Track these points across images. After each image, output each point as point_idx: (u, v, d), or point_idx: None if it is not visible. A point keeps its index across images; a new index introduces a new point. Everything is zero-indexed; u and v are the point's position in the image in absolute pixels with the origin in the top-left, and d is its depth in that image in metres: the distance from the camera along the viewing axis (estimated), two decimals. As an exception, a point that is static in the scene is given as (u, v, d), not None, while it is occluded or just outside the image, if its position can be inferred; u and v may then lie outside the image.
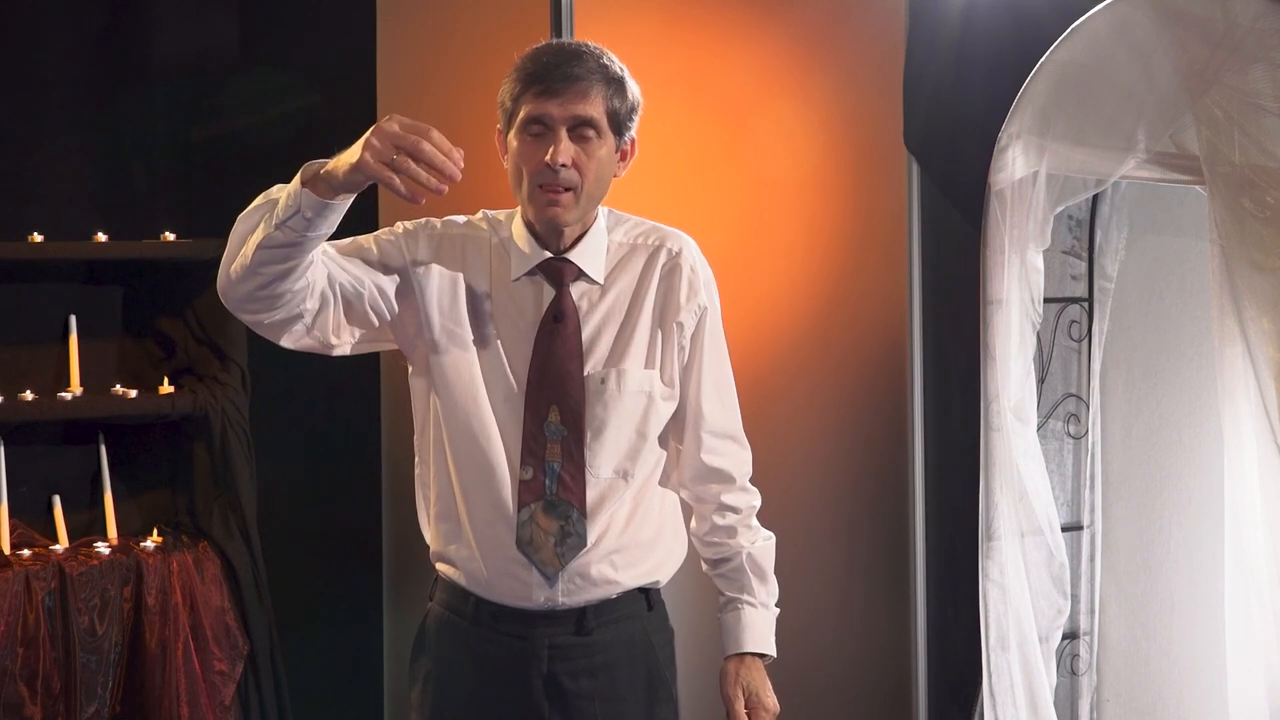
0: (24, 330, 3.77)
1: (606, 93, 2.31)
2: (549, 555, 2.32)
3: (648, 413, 2.40)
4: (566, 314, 2.36)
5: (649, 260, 2.43)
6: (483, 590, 2.36)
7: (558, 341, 2.35)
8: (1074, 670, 3.14)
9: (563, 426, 2.33)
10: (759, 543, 2.53)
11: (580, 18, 3.55)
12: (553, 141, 2.28)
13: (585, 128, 2.30)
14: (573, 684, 2.36)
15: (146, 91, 4.00)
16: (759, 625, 2.50)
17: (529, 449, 2.33)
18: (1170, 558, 3.08)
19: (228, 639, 3.66)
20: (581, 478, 2.34)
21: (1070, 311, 3.11)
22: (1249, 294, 2.50)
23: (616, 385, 2.36)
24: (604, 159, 2.33)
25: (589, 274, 2.38)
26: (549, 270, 2.37)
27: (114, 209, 3.91)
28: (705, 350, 2.46)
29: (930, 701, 3.27)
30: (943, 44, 3.15)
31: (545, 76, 2.29)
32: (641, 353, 2.39)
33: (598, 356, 2.37)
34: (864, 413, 3.34)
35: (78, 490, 3.77)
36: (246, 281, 2.18)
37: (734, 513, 2.52)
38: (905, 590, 3.28)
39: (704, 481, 2.50)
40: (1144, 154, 2.71)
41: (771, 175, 3.38)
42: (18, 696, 3.35)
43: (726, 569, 2.52)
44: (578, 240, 2.39)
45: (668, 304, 2.42)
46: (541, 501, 2.32)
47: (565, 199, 2.31)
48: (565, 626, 2.36)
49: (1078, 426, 3.12)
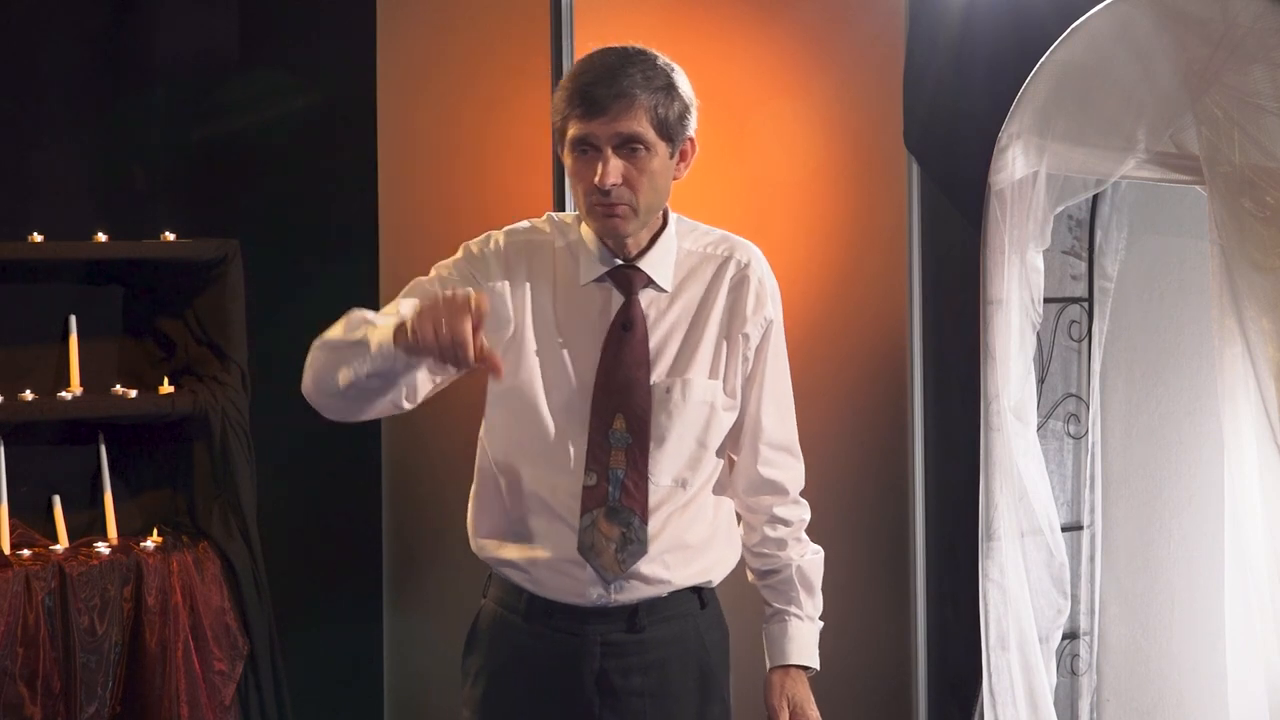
0: (24, 330, 3.77)
1: (651, 103, 2.29)
2: (610, 561, 2.33)
3: (709, 423, 2.40)
4: (635, 322, 2.35)
5: (718, 270, 2.43)
6: (536, 587, 2.37)
7: (626, 349, 2.34)
8: (1074, 670, 3.14)
9: (628, 434, 2.33)
10: (808, 556, 2.55)
11: (580, 18, 3.55)
12: (601, 160, 2.27)
13: (631, 144, 2.28)
14: (623, 681, 2.37)
15: (146, 91, 4.01)
16: (805, 638, 2.52)
17: (594, 455, 2.33)
18: (1170, 557, 3.08)
19: (228, 639, 3.66)
20: (644, 485, 2.34)
21: (1070, 311, 3.11)
22: (1249, 294, 2.50)
23: (681, 395, 2.36)
24: (657, 170, 2.32)
25: (658, 282, 2.38)
26: (619, 278, 2.37)
27: (114, 209, 3.91)
28: (768, 362, 2.46)
29: (930, 701, 3.27)
30: (943, 44, 3.15)
31: (587, 96, 2.27)
32: (707, 363, 2.39)
33: (664, 365, 2.37)
34: (864, 413, 3.33)
35: (78, 490, 3.78)
36: (339, 400, 2.24)
37: (785, 525, 2.52)
38: (905, 590, 3.28)
39: (758, 493, 2.50)
40: (1144, 154, 2.71)
41: (771, 175, 3.38)
42: (18, 696, 3.35)
43: (775, 580, 2.53)
44: (648, 248, 2.38)
45: (735, 315, 2.42)
46: (604, 508, 2.32)
47: (622, 211, 2.30)
48: (617, 623, 2.37)
49: (1078, 426, 3.12)
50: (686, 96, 2.36)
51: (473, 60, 3.76)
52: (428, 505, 3.88)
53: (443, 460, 3.78)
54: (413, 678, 3.92)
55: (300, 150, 4.03)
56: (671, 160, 2.36)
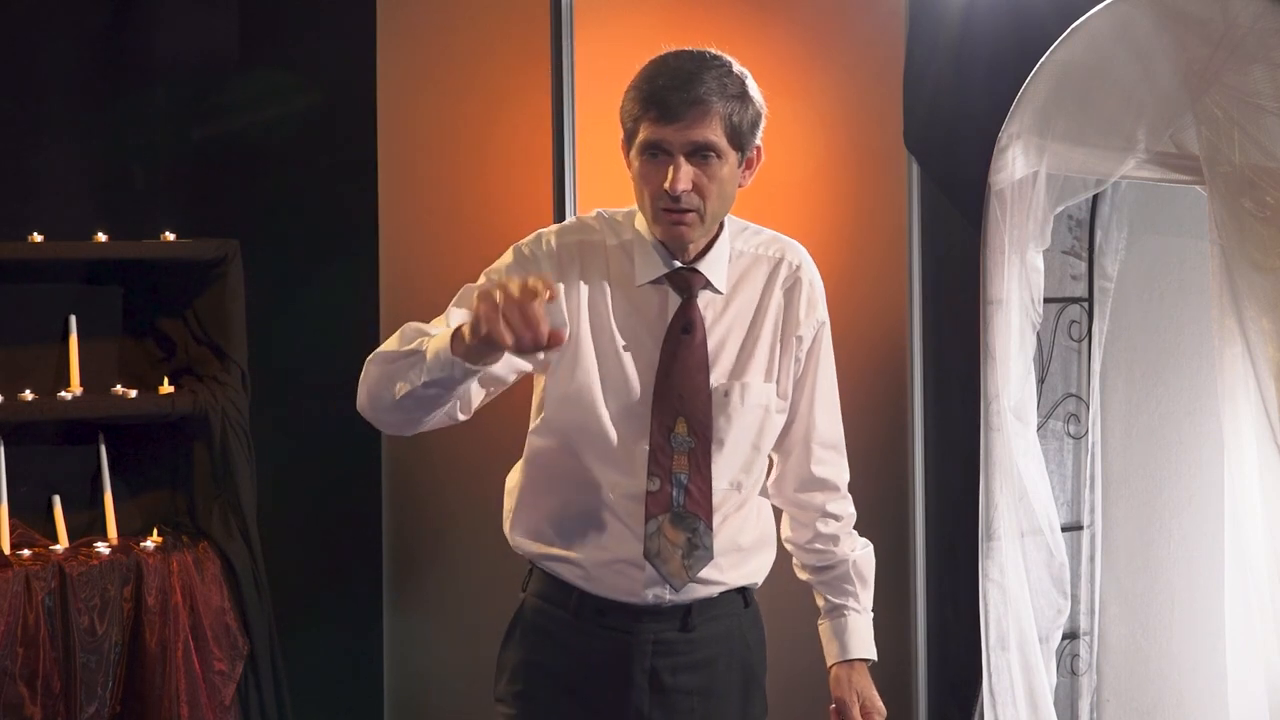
0: (24, 330, 3.77)
1: (725, 111, 2.27)
2: (676, 567, 2.32)
3: (764, 426, 2.40)
4: (695, 325, 2.34)
5: (771, 272, 2.42)
6: (589, 584, 2.36)
7: (686, 352, 2.33)
8: (1074, 670, 3.14)
9: (690, 438, 2.32)
10: (860, 550, 2.56)
11: (580, 18, 3.55)
12: (672, 166, 2.24)
13: (704, 152, 2.26)
14: (673, 679, 2.36)
15: (146, 91, 4.01)
16: (864, 631, 2.55)
17: (656, 460, 2.31)
18: (1170, 557, 3.08)
19: (228, 639, 3.66)
20: (708, 490, 2.33)
21: (1070, 311, 3.11)
22: (1249, 294, 2.50)
23: (740, 398, 2.36)
24: (726, 178, 2.30)
25: (714, 284, 2.37)
26: (678, 279, 2.35)
27: (114, 209, 3.91)
28: (820, 363, 2.47)
29: (930, 701, 3.27)
30: (943, 44, 3.15)
31: (662, 101, 2.24)
32: (763, 366, 2.39)
33: (722, 368, 2.36)
34: (864, 413, 3.33)
35: (78, 490, 3.78)
36: (395, 413, 2.21)
37: (836, 520, 2.53)
38: (905, 590, 3.28)
39: (810, 490, 2.50)
40: (1144, 154, 2.71)
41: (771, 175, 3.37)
42: (18, 696, 3.35)
43: (830, 576, 2.54)
44: (706, 250, 2.37)
45: (788, 318, 2.41)
46: (669, 514, 2.31)
47: (689, 219, 2.28)
48: (671, 622, 2.36)
49: (1078, 426, 3.12)
50: (759, 105, 2.34)
51: (473, 60, 3.76)
52: (428, 505, 3.88)
53: (443, 460, 3.78)
54: (413, 678, 3.92)
55: (300, 150, 4.03)
56: (740, 168, 2.34)
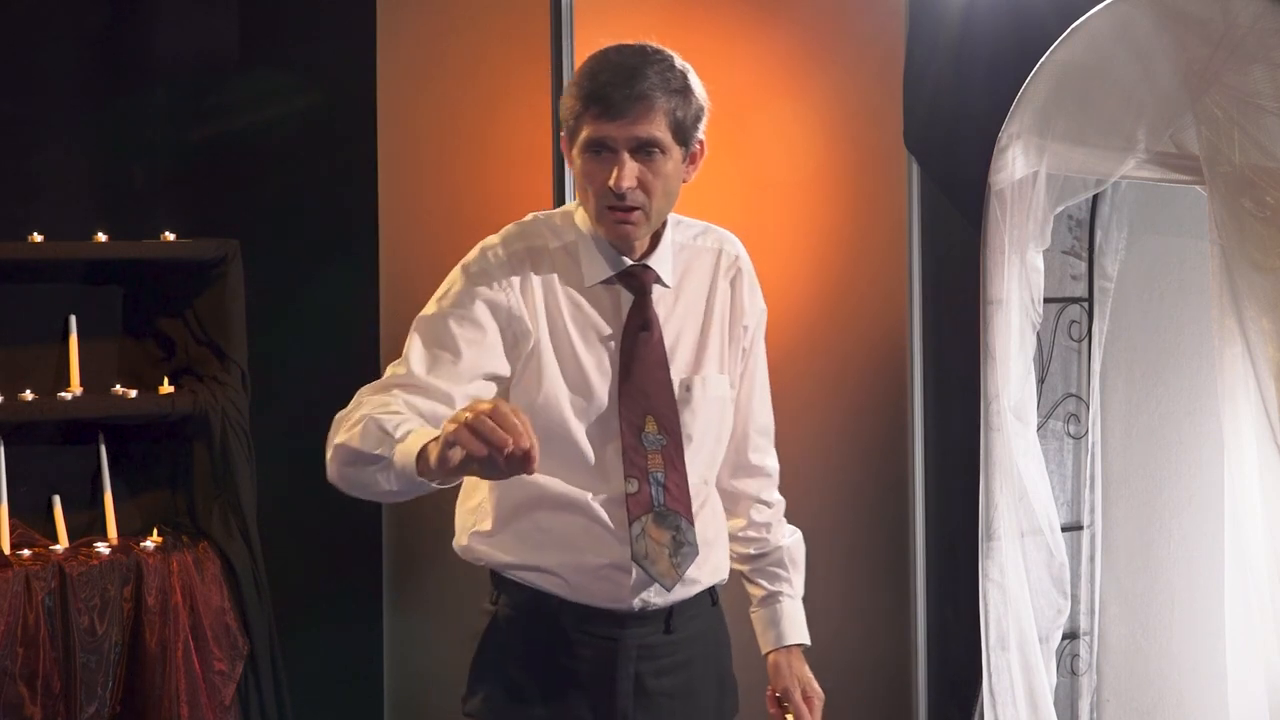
0: (24, 330, 3.77)
1: (669, 106, 2.23)
2: (666, 568, 2.29)
3: (723, 417, 2.40)
4: (652, 322, 2.32)
5: (715, 264, 2.41)
6: (572, 593, 2.31)
7: (645, 350, 2.31)
8: (1074, 670, 3.14)
9: (661, 435, 2.30)
10: (790, 536, 2.57)
11: (580, 18, 3.55)
12: (616, 163, 2.22)
13: (648, 147, 2.23)
14: (656, 682, 2.35)
15: (146, 91, 4.01)
16: (799, 616, 2.54)
17: (631, 461, 2.28)
18: (1170, 557, 3.08)
19: (228, 639, 3.66)
20: (685, 485, 2.31)
21: (1070, 311, 3.11)
22: (1249, 294, 2.50)
23: (701, 392, 2.35)
24: (670, 173, 2.27)
25: (664, 279, 2.35)
26: (630, 278, 2.33)
27: (114, 209, 3.91)
28: (759, 351, 2.48)
29: (930, 701, 3.27)
30: (943, 44, 3.15)
31: (605, 97, 2.21)
32: (716, 358, 2.39)
33: (681, 363, 2.35)
34: (864, 413, 3.33)
35: (78, 490, 3.77)
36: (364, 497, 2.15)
37: (769, 507, 2.54)
38: (905, 590, 3.28)
39: (745, 477, 2.51)
40: (1144, 154, 2.71)
41: (771, 175, 3.38)
42: (18, 696, 3.35)
43: (764, 563, 2.54)
44: (652, 247, 2.35)
45: (735, 308, 2.41)
46: (651, 514, 2.28)
47: (635, 217, 2.26)
48: (655, 626, 2.34)
49: (1078, 426, 3.12)
50: (701, 98, 2.31)
51: (473, 60, 3.76)
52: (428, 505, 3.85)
53: (443, 460, 3.77)
54: (413, 678, 3.92)
55: (300, 150, 4.04)
56: (684, 163, 2.31)
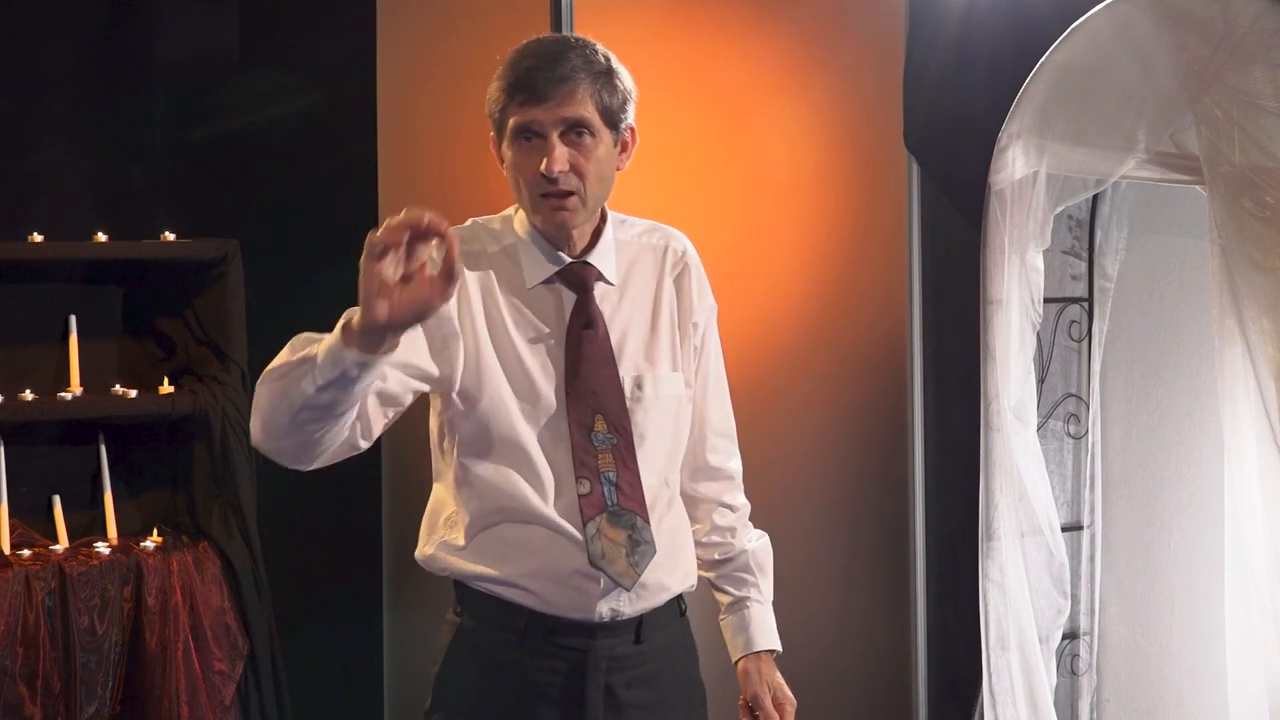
0: (24, 330, 3.77)
1: (595, 88, 2.22)
2: (624, 567, 2.24)
3: (679, 416, 2.36)
4: (595, 319, 2.29)
5: (659, 260, 2.38)
6: (539, 604, 2.27)
7: (591, 347, 2.27)
8: (1074, 670, 3.14)
9: (611, 434, 2.26)
10: (756, 540, 2.52)
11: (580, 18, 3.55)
12: (546, 149, 2.20)
13: (578, 129, 2.21)
14: (627, 694, 2.30)
15: (146, 91, 4.01)
16: (768, 622, 2.50)
17: (581, 461, 2.24)
18: (1170, 557, 3.08)
19: (228, 639, 3.66)
20: (638, 484, 2.27)
21: (1070, 311, 3.11)
22: (1249, 294, 2.50)
23: (653, 389, 2.31)
24: (602, 157, 2.24)
25: (607, 276, 2.32)
26: (571, 276, 2.29)
27: (114, 209, 3.91)
28: (711, 349, 2.44)
29: (930, 701, 3.27)
30: (943, 44, 3.15)
31: (530, 82, 2.20)
32: (667, 356, 2.35)
33: (629, 361, 2.31)
34: (864, 413, 3.33)
35: (78, 490, 3.77)
36: (292, 435, 2.06)
37: (733, 511, 2.50)
38: (905, 590, 3.28)
39: (705, 480, 2.47)
40: (1144, 154, 2.71)
41: (771, 175, 3.38)
42: (18, 696, 3.35)
43: (730, 569, 2.50)
44: (592, 243, 2.32)
45: (683, 305, 2.38)
46: (605, 514, 2.24)
47: (570, 203, 2.23)
48: (625, 636, 2.30)
49: (1078, 426, 3.12)
50: (626, 87, 2.28)
51: (473, 60, 3.75)
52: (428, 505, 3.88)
53: (443, 460, 3.77)
54: (413, 678, 3.92)
55: (300, 150, 4.03)
56: (615, 149, 2.27)
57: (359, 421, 2.14)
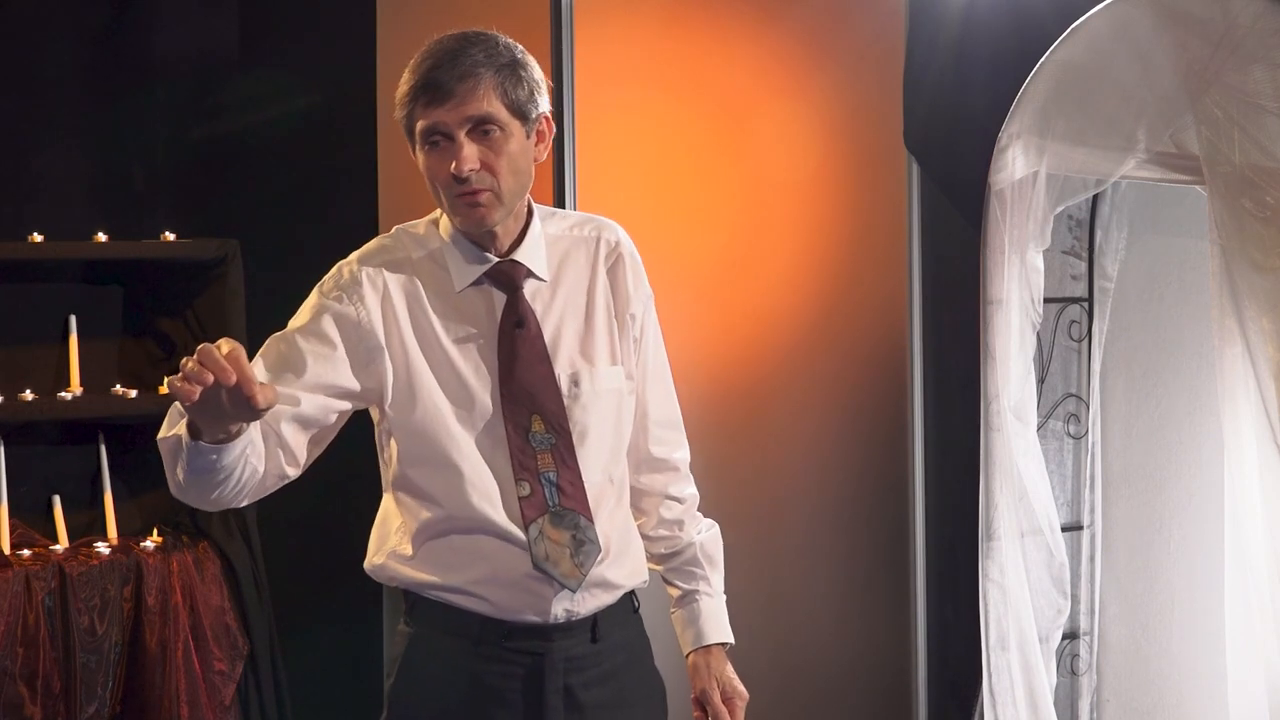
0: (24, 330, 3.77)
1: (498, 81, 2.19)
2: (569, 568, 2.21)
3: (621, 410, 2.32)
4: (526, 317, 2.25)
5: (592, 252, 2.34)
6: (491, 609, 2.24)
7: (524, 347, 2.24)
8: (1074, 670, 3.14)
9: (549, 434, 2.23)
10: (705, 531, 2.48)
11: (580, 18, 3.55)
12: (454, 148, 2.17)
13: (484, 126, 2.18)
14: (587, 694, 2.27)
15: (146, 91, 4.01)
16: (719, 614, 2.45)
17: (520, 463, 2.21)
18: (1170, 558, 3.08)
19: (228, 639, 3.67)
20: (580, 483, 2.24)
21: (1070, 311, 3.11)
22: (1249, 294, 2.50)
23: (591, 385, 2.28)
24: (515, 152, 2.20)
25: (536, 273, 2.28)
26: (499, 275, 2.26)
27: (114, 209, 3.91)
28: (650, 339, 2.39)
29: (930, 701, 3.27)
30: (943, 44, 3.15)
31: (432, 82, 2.18)
32: (605, 349, 2.31)
33: (565, 358, 2.28)
34: (864, 413, 3.34)
35: (78, 490, 3.77)
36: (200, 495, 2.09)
37: (679, 503, 2.45)
38: (905, 590, 3.28)
39: (649, 472, 2.42)
40: (1144, 154, 2.71)
41: (771, 175, 3.38)
42: (18, 696, 3.35)
43: (679, 562, 2.46)
44: (520, 239, 2.28)
45: (618, 296, 2.33)
46: (547, 515, 2.21)
47: (484, 198, 2.19)
48: (581, 636, 2.27)
49: (1078, 426, 3.12)
50: (533, 78, 2.25)
51: (473, 60, 3.75)
52: (428, 505, 3.88)
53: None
54: (413, 678, 3.92)
55: (300, 150, 4.03)
56: (529, 141, 2.24)
57: (281, 451, 2.14)
